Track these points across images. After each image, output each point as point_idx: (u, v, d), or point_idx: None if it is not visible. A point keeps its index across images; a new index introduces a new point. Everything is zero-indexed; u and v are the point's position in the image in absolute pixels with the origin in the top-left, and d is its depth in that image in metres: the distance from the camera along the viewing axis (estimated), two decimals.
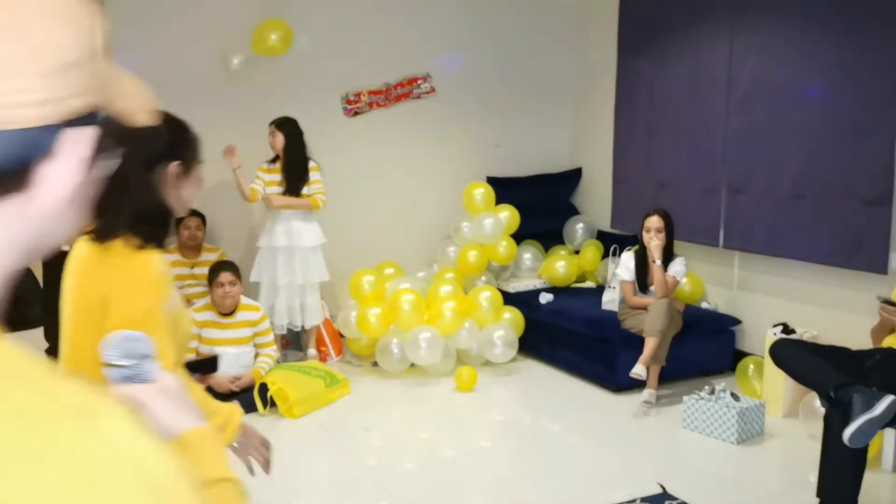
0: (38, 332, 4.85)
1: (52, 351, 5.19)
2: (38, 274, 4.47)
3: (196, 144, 1.71)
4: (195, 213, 5.17)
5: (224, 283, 4.57)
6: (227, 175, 5.52)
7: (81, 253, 1.68)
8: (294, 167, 5.08)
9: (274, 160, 5.17)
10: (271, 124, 5.09)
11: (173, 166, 1.63)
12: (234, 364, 4.50)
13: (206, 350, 4.55)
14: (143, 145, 1.48)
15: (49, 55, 0.55)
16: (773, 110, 4.83)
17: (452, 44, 6.16)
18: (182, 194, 1.66)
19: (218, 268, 4.66)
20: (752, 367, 4.75)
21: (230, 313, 4.63)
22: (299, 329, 5.33)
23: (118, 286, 1.60)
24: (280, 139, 5.04)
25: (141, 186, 1.57)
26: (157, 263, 1.61)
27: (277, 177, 5.10)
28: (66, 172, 0.58)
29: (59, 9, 0.57)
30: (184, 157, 1.65)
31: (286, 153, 5.07)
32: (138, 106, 0.66)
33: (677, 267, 4.78)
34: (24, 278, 3.31)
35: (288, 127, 5.06)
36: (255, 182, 5.12)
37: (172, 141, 1.63)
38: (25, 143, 0.55)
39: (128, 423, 0.53)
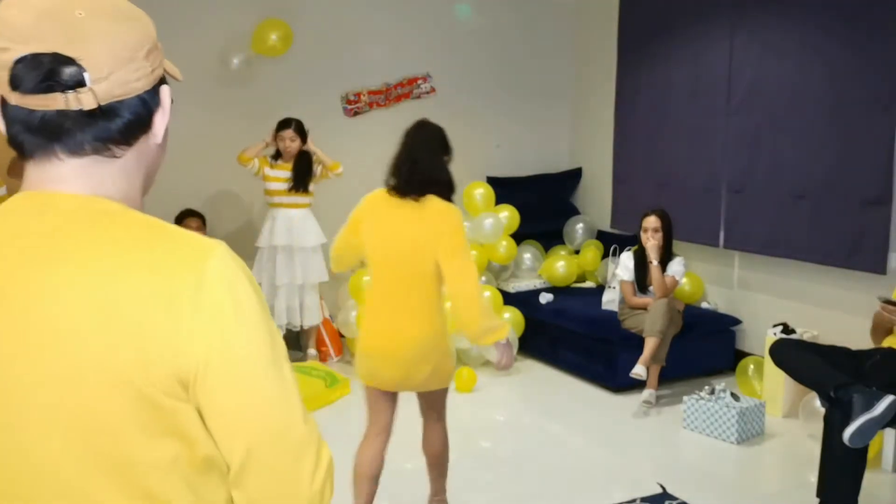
0: None
1: None
2: None
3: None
4: (195, 214, 5.17)
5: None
6: (224, 175, 5.53)
7: (391, 202, 2.84)
8: (304, 168, 5.11)
9: (276, 157, 5.17)
10: (288, 129, 5.06)
11: (447, 157, 2.90)
12: None
13: None
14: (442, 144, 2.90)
15: (146, 42, 0.92)
16: (773, 110, 4.83)
17: (452, 44, 6.16)
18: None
19: None
20: (752, 367, 4.75)
21: None
22: (298, 329, 5.33)
23: (447, 225, 2.77)
24: (298, 144, 5.07)
25: (442, 166, 2.85)
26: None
27: (283, 173, 5.11)
28: (166, 116, 0.96)
29: (135, 9, 0.92)
30: (450, 153, 2.92)
31: (300, 155, 5.10)
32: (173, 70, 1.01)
33: (676, 267, 4.78)
34: None
35: (303, 132, 5.09)
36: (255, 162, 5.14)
37: (446, 142, 2.93)
38: (145, 102, 0.92)
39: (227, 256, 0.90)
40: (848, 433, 2.92)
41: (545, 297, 5.52)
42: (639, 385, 4.67)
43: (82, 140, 0.89)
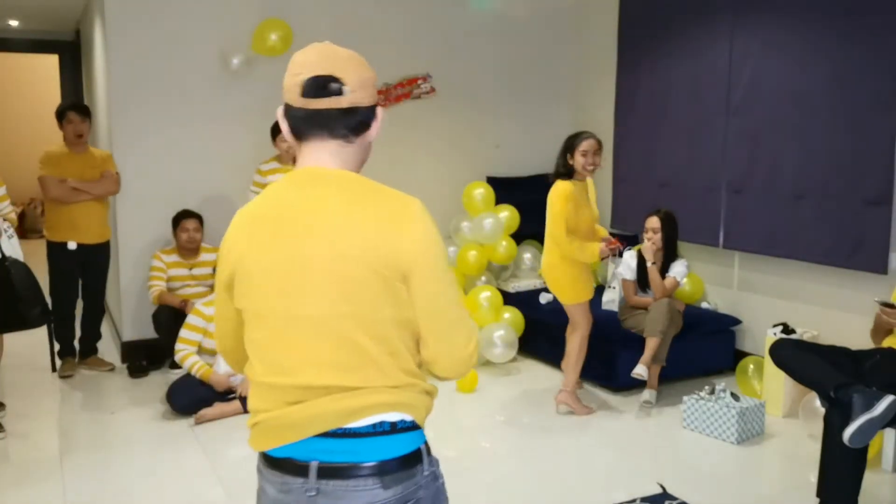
0: (38, 333, 4.84)
1: (66, 351, 5.21)
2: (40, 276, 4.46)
3: (577, 142, 4.36)
4: (193, 216, 5.16)
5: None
6: (225, 177, 5.54)
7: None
8: None
9: (271, 160, 5.15)
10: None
11: (568, 154, 4.35)
12: None
13: (210, 344, 4.53)
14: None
15: (372, 81, 1.53)
16: (773, 110, 4.83)
17: (452, 44, 6.16)
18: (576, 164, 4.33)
19: None
20: (751, 366, 4.75)
21: None
22: None
23: (553, 197, 4.31)
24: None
25: (563, 162, 4.37)
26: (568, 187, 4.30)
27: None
28: (377, 126, 1.54)
29: (369, 65, 1.53)
30: (572, 151, 4.33)
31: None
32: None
33: (678, 268, 4.77)
34: (25, 279, 3.38)
35: None
36: (252, 189, 5.12)
37: (569, 143, 4.37)
38: (370, 112, 1.52)
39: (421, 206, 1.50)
40: (848, 433, 2.91)
41: (545, 297, 5.51)
42: (639, 385, 4.67)
43: (338, 127, 1.49)
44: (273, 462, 1.47)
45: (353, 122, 1.49)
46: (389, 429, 1.44)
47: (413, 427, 1.49)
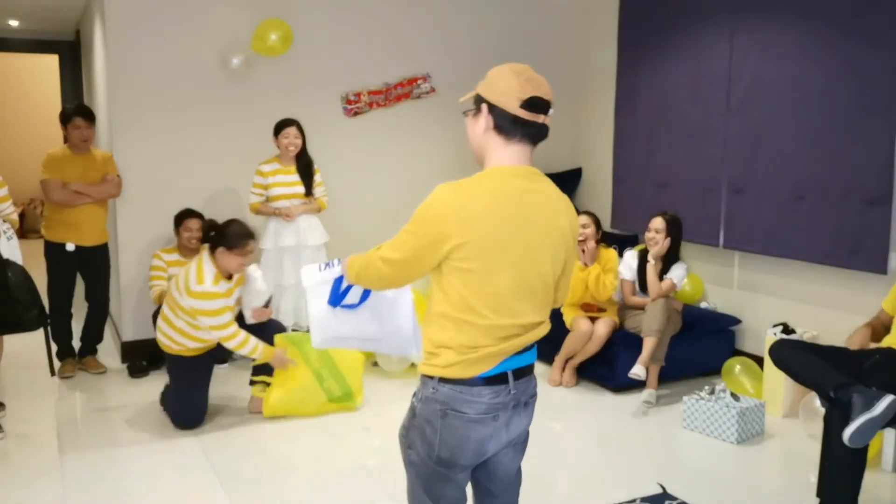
0: (38, 333, 4.84)
1: (64, 352, 5.21)
2: (39, 276, 4.46)
3: None
4: (196, 215, 5.16)
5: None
6: (224, 177, 5.54)
7: None
8: (307, 167, 5.13)
9: (271, 161, 5.15)
10: (292, 126, 5.05)
11: None
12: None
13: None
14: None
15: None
16: (773, 110, 4.83)
17: (452, 44, 6.16)
18: None
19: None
20: (738, 367, 4.73)
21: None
22: (306, 329, 5.33)
23: None
24: (300, 142, 5.08)
25: None
26: None
27: (288, 178, 5.10)
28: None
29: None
30: None
31: (301, 155, 5.11)
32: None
33: (678, 271, 4.78)
34: (23, 282, 3.37)
35: (303, 131, 5.10)
36: (254, 191, 5.12)
37: None
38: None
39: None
40: (848, 433, 2.91)
41: None
42: (639, 385, 4.67)
43: (539, 136, 2.03)
44: (483, 380, 1.94)
45: (545, 134, 2.11)
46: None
47: None
